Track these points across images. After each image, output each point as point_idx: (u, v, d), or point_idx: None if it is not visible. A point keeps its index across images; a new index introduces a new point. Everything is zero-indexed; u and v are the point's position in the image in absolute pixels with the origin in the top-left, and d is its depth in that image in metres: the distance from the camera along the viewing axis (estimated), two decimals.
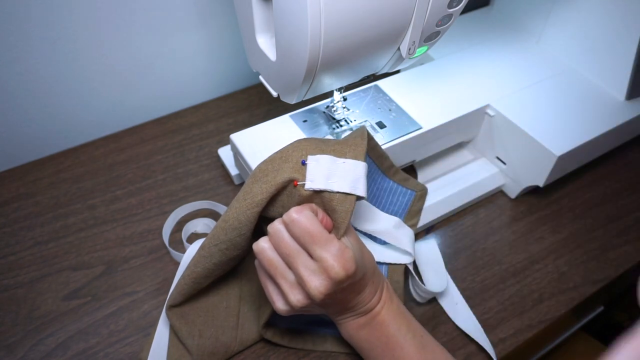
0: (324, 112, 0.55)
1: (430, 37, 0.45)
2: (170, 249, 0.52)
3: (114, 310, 0.49)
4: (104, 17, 0.58)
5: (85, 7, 0.56)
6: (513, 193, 0.60)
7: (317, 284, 0.36)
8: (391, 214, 0.52)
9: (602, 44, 0.60)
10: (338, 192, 0.38)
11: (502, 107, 0.56)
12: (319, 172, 0.39)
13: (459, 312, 0.49)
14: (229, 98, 0.73)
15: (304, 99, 0.47)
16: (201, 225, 0.55)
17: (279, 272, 0.38)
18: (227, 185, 0.60)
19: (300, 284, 0.37)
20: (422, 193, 0.55)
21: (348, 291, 0.38)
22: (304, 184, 0.39)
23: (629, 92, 0.58)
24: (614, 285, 0.54)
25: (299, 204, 0.39)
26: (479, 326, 0.48)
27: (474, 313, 0.49)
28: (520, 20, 0.69)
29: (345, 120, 0.54)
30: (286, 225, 0.37)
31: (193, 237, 0.55)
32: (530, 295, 0.51)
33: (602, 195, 0.61)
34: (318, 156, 0.39)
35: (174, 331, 0.46)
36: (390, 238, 0.49)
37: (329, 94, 0.53)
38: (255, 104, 0.72)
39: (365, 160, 0.40)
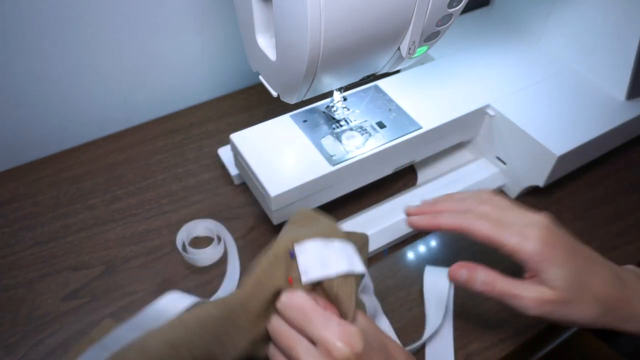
0: (324, 112, 0.55)
1: (430, 37, 0.45)
2: (184, 253, 0.52)
3: (114, 310, 0.49)
4: (104, 17, 0.58)
5: (85, 8, 0.56)
6: (513, 193, 0.60)
7: None
8: None
9: (602, 44, 0.60)
10: (337, 277, 0.35)
11: (502, 107, 0.56)
12: (311, 261, 0.35)
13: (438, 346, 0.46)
14: (229, 98, 0.73)
15: (304, 99, 0.47)
16: (201, 228, 0.55)
17: None
18: (227, 185, 0.60)
19: None
20: (363, 242, 0.45)
21: None
22: (300, 279, 0.35)
23: (629, 92, 0.58)
24: None
25: None
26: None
27: (474, 313, 0.49)
28: (520, 20, 0.69)
29: (345, 120, 0.54)
30: (281, 314, 0.34)
31: (194, 241, 0.55)
32: None
33: (602, 195, 0.61)
34: (305, 243, 0.36)
35: None
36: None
37: (329, 94, 0.53)
38: (255, 104, 0.72)
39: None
